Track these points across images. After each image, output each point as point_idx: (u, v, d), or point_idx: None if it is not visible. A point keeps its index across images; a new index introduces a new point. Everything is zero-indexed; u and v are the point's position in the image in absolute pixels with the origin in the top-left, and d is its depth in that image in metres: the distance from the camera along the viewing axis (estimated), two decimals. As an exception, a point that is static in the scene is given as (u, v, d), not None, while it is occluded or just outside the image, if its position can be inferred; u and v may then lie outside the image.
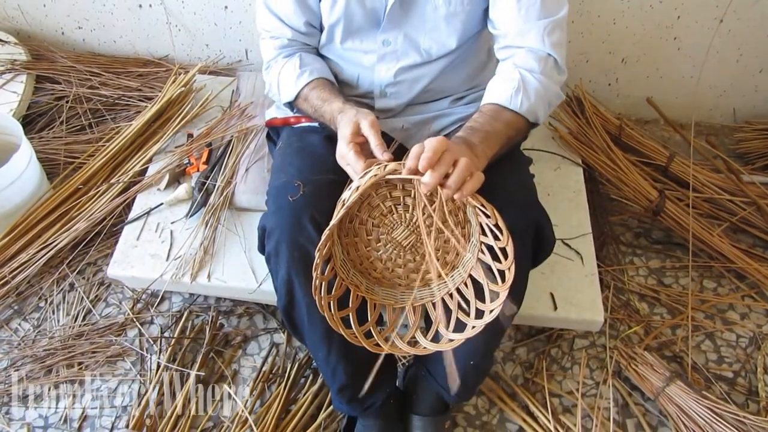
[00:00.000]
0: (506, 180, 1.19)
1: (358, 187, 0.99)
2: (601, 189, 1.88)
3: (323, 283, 1.06)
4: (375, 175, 0.97)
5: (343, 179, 1.14)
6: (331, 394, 1.41)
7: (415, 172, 0.94)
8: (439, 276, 1.15)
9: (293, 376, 1.53)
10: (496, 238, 1.07)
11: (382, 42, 1.30)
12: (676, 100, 2.04)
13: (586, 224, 1.63)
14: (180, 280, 1.52)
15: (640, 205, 1.76)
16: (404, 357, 1.58)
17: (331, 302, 1.08)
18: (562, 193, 1.69)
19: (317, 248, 1.01)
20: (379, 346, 1.10)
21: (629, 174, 1.77)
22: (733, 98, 2.05)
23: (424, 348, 1.12)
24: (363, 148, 1.08)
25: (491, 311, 1.07)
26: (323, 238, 0.99)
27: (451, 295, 1.17)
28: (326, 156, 1.28)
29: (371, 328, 1.13)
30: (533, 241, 1.18)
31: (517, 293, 1.22)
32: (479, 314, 1.10)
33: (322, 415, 1.46)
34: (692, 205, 1.75)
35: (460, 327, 1.12)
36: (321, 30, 1.32)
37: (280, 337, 1.64)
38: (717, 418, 1.38)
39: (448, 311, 1.16)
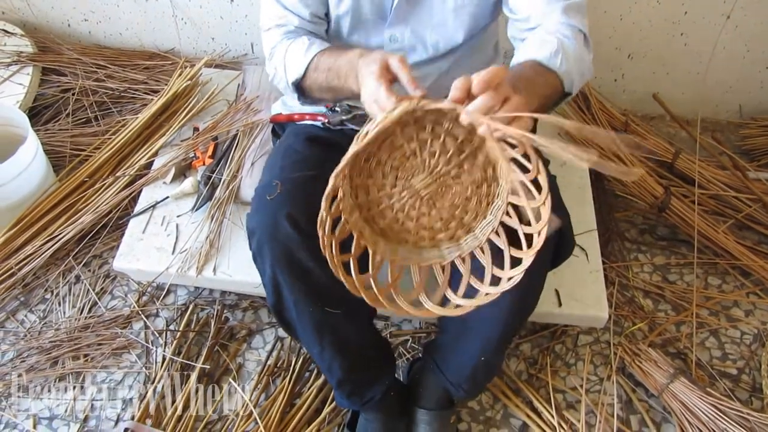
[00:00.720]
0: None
1: (386, 118, 0.88)
2: (607, 185, 1.88)
3: (329, 218, 0.94)
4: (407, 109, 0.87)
5: (325, 175, 0.96)
6: (333, 390, 1.42)
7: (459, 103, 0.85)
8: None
9: (298, 370, 1.53)
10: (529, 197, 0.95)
11: (389, 38, 1.29)
12: (682, 96, 2.03)
13: (592, 220, 1.63)
14: (185, 274, 1.53)
15: (646, 201, 1.76)
16: (409, 351, 1.59)
17: (333, 242, 0.96)
18: (568, 189, 1.68)
19: (332, 176, 0.91)
20: (379, 301, 1.00)
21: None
22: (740, 94, 2.04)
23: (427, 310, 1.01)
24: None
25: (509, 279, 0.98)
26: (336, 171, 0.89)
27: (463, 259, 1.08)
28: (308, 154, 1.29)
29: (371, 281, 1.01)
30: (555, 243, 1.18)
31: (535, 296, 1.22)
32: (494, 281, 1.01)
33: (326, 409, 1.47)
34: (698, 202, 1.75)
35: (469, 293, 1.03)
36: (328, 21, 1.30)
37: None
38: (721, 414, 1.38)
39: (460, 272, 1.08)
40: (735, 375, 1.57)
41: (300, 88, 1.23)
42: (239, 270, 1.53)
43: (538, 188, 0.92)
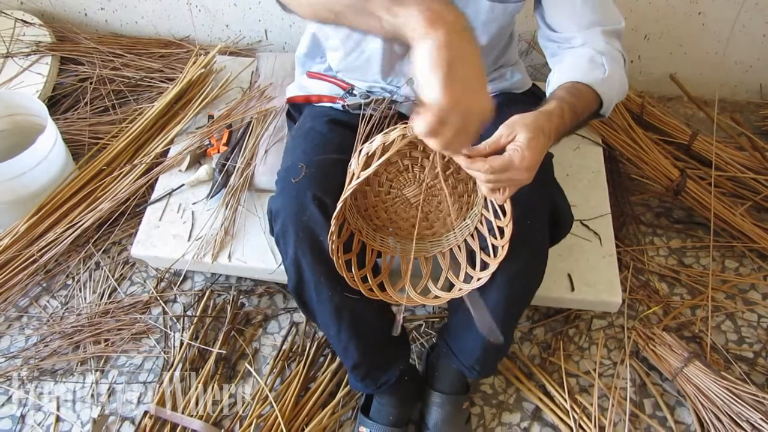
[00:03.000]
0: None
1: (383, 145, 1.01)
2: (622, 169, 1.86)
3: (338, 228, 1.08)
4: (403, 136, 0.98)
5: (346, 158, 1.15)
6: (348, 373, 1.44)
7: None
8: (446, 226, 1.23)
9: (312, 355, 1.55)
10: (496, 217, 1.11)
11: None
12: (700, 77, 2.00)
13: (605, 204, 1.62)
14: (201, 260, 1.55)
15: (661, 184, 1.74)
16: (422, 336, 1.61)
17: (339, 246, 1.11)
18: (582, 173, 1.68)
19: (341, 196, 1.03)
20: (373, 291, 1.18)
21: (650, 153, 1.75)
22: (760, 74, 2.00)
23: (411, 299, 1.18)
24: None
25: (478, 279, 1.15)
26: (344, 197, 1.02)
27: (443, 255, 1.26)
28: (331, 137, 1.29)
29: (367, 274, 1.19)
30: (549, 218, 1.18)
31: (536, 272, 1.23)
32: (467, 279, 1.18)
33: (340, 393, 1.49)
34: (714, 184, 1.73)
35: (452, 287, 1.21)
36: None
37: (300, 317, 1.66)
38: (736, 398, 1.37)
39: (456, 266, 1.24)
40: (751, 359, 1.56)
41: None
42: (254, 256, 1.55)
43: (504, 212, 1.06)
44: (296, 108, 1.50)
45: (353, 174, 1.06)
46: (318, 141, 1.27)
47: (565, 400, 1.47)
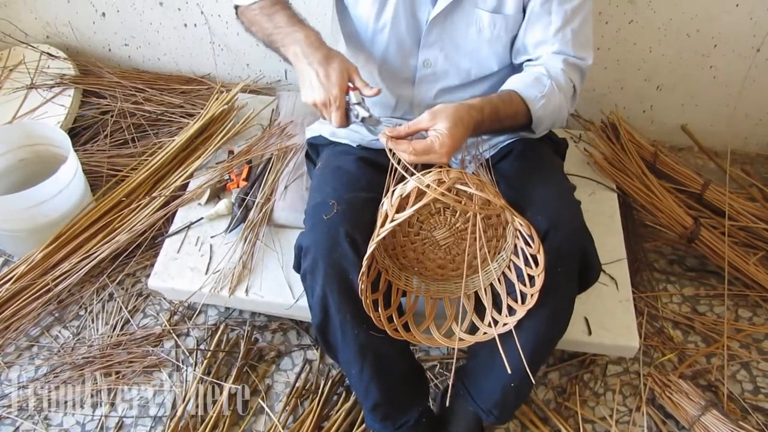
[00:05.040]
0: (555, 205, 1.20)
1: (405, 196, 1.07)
2: (635, 215, 1.88)
3: (369, 270, 1.12)
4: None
5: (377, 197, 1.18)
6: (364, 412, 1.42)
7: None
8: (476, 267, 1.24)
9: (326, 393, 1.54)
10: (527, 265, 1.14)
11: (422, 62, 1.33)
12: (711, 128, 2.04)
13: (621, 249, 1.63)
14: (218, 294, 1.55)
15: (675, 231, 1.76)
16: (437, 377, 1.60)
17: (367, 286, 1.14)
18: (597, 219, 1.69)
19: (374, 237, 1.08)
20: (397, 331, 1.19)
21: (664, 200, 1.77)
22: (770, 128, 2.05)
23: (435, 340, 1.22)
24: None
25: (504, 324, 1.18)
26: (375, 239, 1.07)
27: (468, 297, 1.28)
28: (360, 175, 1.31)
29: (393, 314, 1.22)
30: (580, 266, 1.19)
31: (563, 319, 1.24)
32: (494, 323, 1.21)
33: (355, 433, 1.47)
34: (727, 233, 1.74)
35: (473, 330, 1.24)
36: None
37: (314, 354, 1.65)
38: (754, 449, 1.36)
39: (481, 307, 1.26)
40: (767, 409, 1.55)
41: (237, 13, 1.33)
42: (271, 292, 1.55)
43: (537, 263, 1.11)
44: (314, 149, 1.52)
45: (386, 215, 1.08)
46: (347, 179, 1.29)
47: (582, 447, 1.46)
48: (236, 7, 1.33)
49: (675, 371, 1.60)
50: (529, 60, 1.29)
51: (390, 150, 1.08)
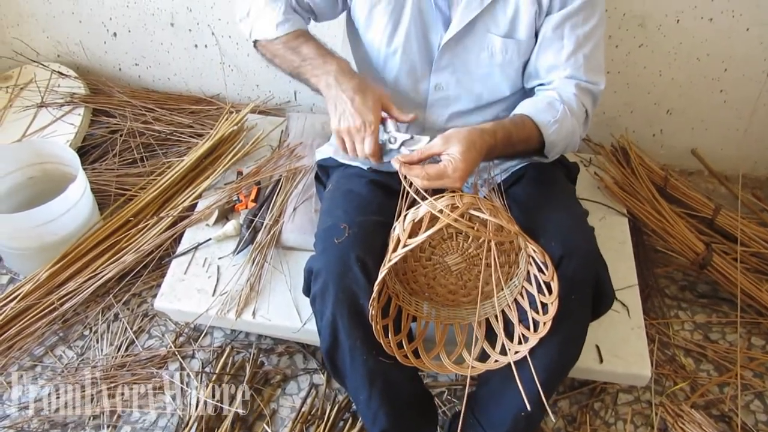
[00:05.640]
0: (569, 232, 1.19)
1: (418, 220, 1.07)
2: (646, 240, 1.86)
3: (379, 295, 1.11)
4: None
5: (389, 220, 1.18)
6: (371, 438, 1.40)
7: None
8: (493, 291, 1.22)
9: (333, 419, 1.51)
10: (540, 292, 1.12)
11: (434, 86, 1.33)
12: (721, 152, 2.03)
13: (632, 276, 1.61)
14: (225, 317, 1.53)
15: (687, 257, 1.74)
16: (445, 404, 1.57)
17: (378, 311, 1.13)
18: (608, 244, 1.67)
19: (385, 262, 1.07)
20: (407, 358, 1.18)
21: (675, 226, 1.75)
22: (781, 152, 2.04)
23: (445, 367, 1.21)
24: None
25: (516, 352, 1.15)
26: (386, 266, 1.06)
27: (480, 324, 1.26)
28: (371, 198, 1.30)
29: (403, 340, 1.20)
30: (593, 294, 1.18)
31: (575, 346, 1.23)
32: (504, 351, 1.19)
33: (361, 460, 1.45)
34: (740, 260, 1.72)
35: (483, 357, 1.23)
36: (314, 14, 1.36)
37: (320, 378, 1.63)
38: (769, 482, 1.33)
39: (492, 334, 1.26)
40: (782, 441, 1.52)
41: (257, 46, 1.34)
42: (278, 315, 1.53)
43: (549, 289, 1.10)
44: (324, 171, 1.52)
45: (398, 239, 1.07)
46: (358, 202, 1.28)
47: (593, 477, 1.43)
48: (255, 42, 1.33)
49: (687, 401, 1.57)
50: (541, 84, 1.28)
51: (403, 175, 1.07)
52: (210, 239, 1.68)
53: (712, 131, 2.01)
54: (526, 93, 1.36)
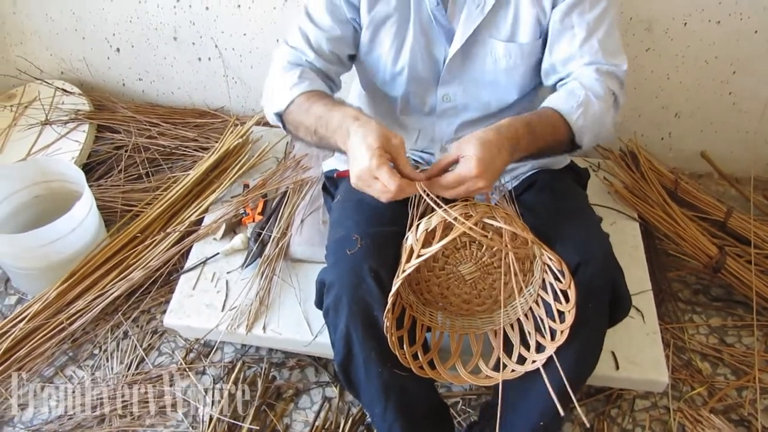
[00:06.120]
0: (584, 239, 1.18)
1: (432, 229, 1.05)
2: (658, 244, 1.84)
3: (394, 306, 1.08)
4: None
5: (401, 230, 1.16)
6: (386, 452, 1.38)
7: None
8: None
9: (347, 432, 1.50)
10: (556, 300, 1.11)
11: (442, 97, 1.32)
12: (730, 155, 2.01)
13: (646, 281, 1.60)
14: (235, 331, 1.52)
15: (700, 261, 1.73)
16: (460, 414, 1.55)
17: (392, 323, 1.10)
18: (620, 249, 1.63)
19: (398, 273, 1.05)
20: (423, 369, 1.17)
21: (687, 229, 1.74)
22: (791, 153, 2.02)
23: (460, 377, 1.19)
24: None
25: (533, 361, 1.14)
26: (398, 280, 1.03)
27: (495, 333, 1.25)
28: (383, 209, 1.28)
29: (418, 351, 1.19)
30: (610, 300, 1.16)
31: (593, 354, 1.21)
32: (522, 360, 1.18)
33: (377, 474, 1.43)
34: (754, 262, 1.71)
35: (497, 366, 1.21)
36: (344, 62, 1.32)
37: (332, 391, 1.61)
38: (793, 488, 1.31)
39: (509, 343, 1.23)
40: (803, 445, 1.50)
41: (282, 120, 1.25)
42: (289, 328, 1.51)
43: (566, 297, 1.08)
44: (332, 182, 1.51)
45: (411, 249, 1.05)
46: (370, 213, 1.26)
47: (613, 487, 1.41)
48: (280, 117, 1.25)
49: (705, 405, 1.55)
50: (561, 80, 1.25)
51: (425, 191, 1.03)
52: (218, 253, 1.67)
53: (722, 134, 1.99)
54: (537, 97, 1.36)
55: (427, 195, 1.01)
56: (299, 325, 1.52)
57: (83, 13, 2.02)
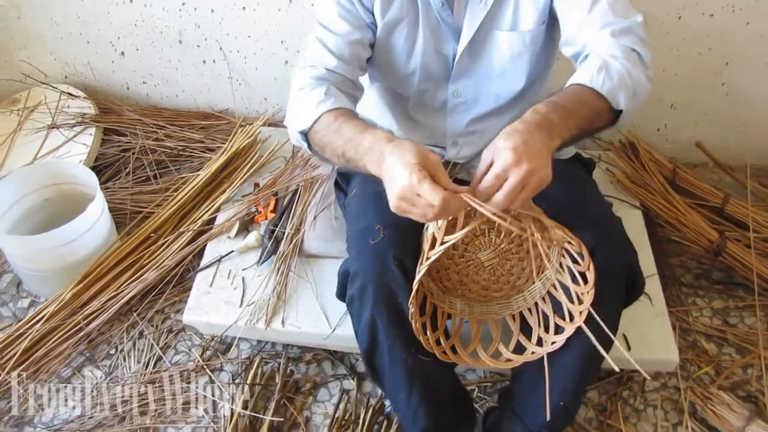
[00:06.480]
0: (600, 222, 1.22)
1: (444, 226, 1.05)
2: (660, 232, 1.90)
3: (417, 292, 1.08)
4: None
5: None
6: (409, 438, 1.41)
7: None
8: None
9: (368, 422, 1.52)
10: (574, 282, 1.15)
11: (452, 93, 1.35)
12: (725, 143, 2.08)
13: (651, 265, 1.65)
14: (254, 327, 1.54)
15: (701, 246, 1.78)
16: (476, 401, 1.59)
17: (416, 309, 1.11)
18: (625, 235, 1.71)
19: (422, 260, 1.06)
20: (446, 354, 1.20)
21: (688, 216, 1.79)
22: (783, 140, 2.10)
23: (482, 361, 1.23)
24: None
25: (553, 343, 1.18)
26: (420, 275, 1.05)
27: (513, 318, 1.29)
28: None
29: (440, 337, 1.22)
30: (626, 281, 1.20)
31: (608, 336, 1.24)
32: (541, 342, 1.22)
33: (400, 461, 1.46)
34: (753, 245, 1.77)
35: (518, 349, 1.24)
36: (363, 66, 1.31)
37: (350, 384, 1.64)
38: (804, 457, 1.36)
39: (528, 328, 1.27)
40: (808, 418, 1.56)
41: (307, 139, 1.20)
42: (307, 322, 1.54)
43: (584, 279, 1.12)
44: (344, 177, 1.53)
45: (433, 237, 1.08)
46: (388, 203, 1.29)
47: (629, 464, 1.45)
48: (305, 136, 1.20)
49: (713, 384, 1.60)
50: (578, 52, 1.22)
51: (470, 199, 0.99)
52: (233, 251, 1.69)
53: (716, 124, 2.06)
54: (545, 82, 1.40)
55: (473, 202, 0.97)
56: (318, 319, 1.55)
57: (88, 17, 2.02)
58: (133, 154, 2.02)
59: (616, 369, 1.11)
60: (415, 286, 1.07)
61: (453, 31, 1.28)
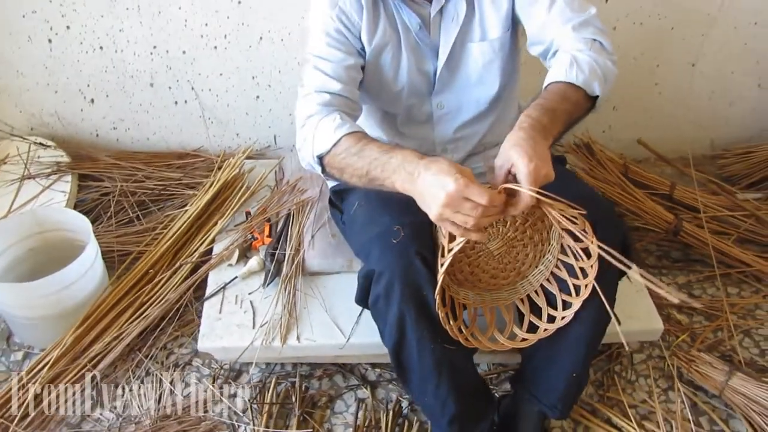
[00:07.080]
0: (591, 201, 1.34)
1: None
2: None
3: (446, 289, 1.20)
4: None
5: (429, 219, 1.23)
6: (436, 431, 1.48)
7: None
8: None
9: (390, 425, 1.58)
10: (578, 259, 1.26)
11: (437, 105, 1.48)
12: (664, 137, 2.31)
13: (623, 247, 1.82)
14: (271, 345, 1.58)
15: (661, 228, 1.98)
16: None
17: (440, 300, 1.20)
18: (596, 225, 1.87)
19: (449, 248, 1.13)
20: (469, 340, 1.29)
21: (646, 203, 1.99)
22: (710, 131, 2.36)
23: (502, 344, 1.33)
24: None
25: (563, 317, 1.29)
26: (441, 278, 1.14)
27: (522, 301, 1.38)
28: (412, 200, 1.40)
29: (461, 326, 1.30)
30: (620, 253, 1.33)
31: (610, 305, 1.35)
32: (551, 319, 1.32)
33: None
34: (705, 222, 1.98)
35: (531, 329, 1.35)
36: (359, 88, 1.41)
37: (364, 393, 1.69)
38: (783, 398, 1.54)
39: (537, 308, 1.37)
40: (777, 367, 1.75)
41: (323, 164, 1.28)
42: (322, 333, 1.59)
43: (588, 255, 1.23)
44: (339, 195, 1.60)
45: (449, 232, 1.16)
46: (402, 206, 1.34)
47: (635, 429, 1.58)
48: (321, 160, 1.27)
49: (691, 349, 1.77)
50: (546, 50, 1.37)
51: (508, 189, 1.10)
52: (236, 277, 1.73)
53: (655, 120, 2.30)
54: (517, 83, 1.54)
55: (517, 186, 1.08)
56: (331, 330, 1.60)
57: (56, 66, 2.03)
58: (114, 197, 2.02)
59: (623, 341, 1.21)
60: (440, 277, 1.16)
61: (431, 50, 1.41)
